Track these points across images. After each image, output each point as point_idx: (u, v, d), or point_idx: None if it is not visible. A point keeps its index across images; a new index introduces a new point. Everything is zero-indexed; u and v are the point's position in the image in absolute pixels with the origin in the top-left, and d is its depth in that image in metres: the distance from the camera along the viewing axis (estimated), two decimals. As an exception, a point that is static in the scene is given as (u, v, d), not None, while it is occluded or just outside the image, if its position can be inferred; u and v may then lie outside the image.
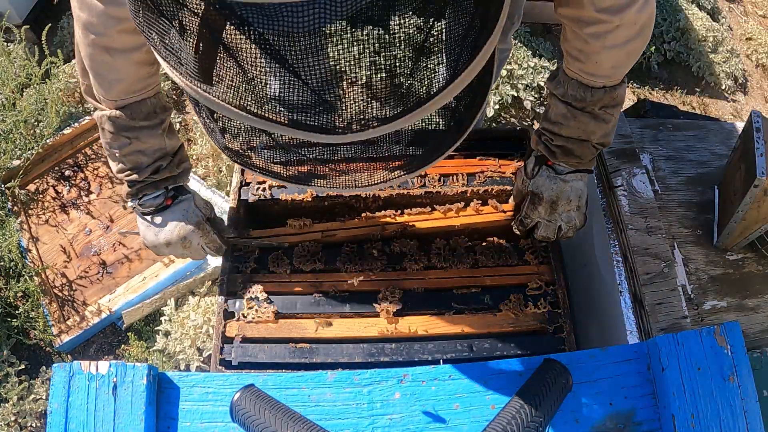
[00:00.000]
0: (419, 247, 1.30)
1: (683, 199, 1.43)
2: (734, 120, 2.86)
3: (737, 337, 0.88)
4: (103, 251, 2.07)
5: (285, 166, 0.87)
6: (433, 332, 1.19)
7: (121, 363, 0.90)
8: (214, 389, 0.94)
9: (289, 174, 0.86)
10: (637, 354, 0.95)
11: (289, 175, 0.86)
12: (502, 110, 2.58)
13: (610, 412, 0.92)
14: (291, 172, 0.86)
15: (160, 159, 1.08)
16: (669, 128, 1.55)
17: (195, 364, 1.90)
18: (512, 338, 1.18)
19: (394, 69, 0.63)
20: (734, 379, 0.86)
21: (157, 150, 1.06)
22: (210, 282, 2.06)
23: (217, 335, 1.20)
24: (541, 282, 1.24)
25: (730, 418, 0.85)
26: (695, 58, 2.94)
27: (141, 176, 1.06)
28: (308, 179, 0.86)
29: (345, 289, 1.25)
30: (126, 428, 0.87)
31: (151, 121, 1.02)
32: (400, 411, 0.93)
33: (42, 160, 2.21)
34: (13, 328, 1.93)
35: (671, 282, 1.25)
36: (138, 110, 1.00)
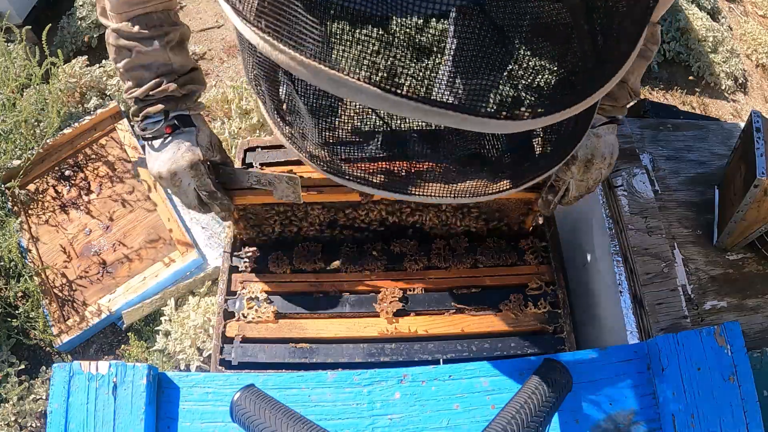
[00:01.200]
0: (419, 247, 1.30)
1: (683, 199, 1.43)
2: (734, 120, 2.86)
3: (737, 337, 0.88)
4: (103, 251, 2.07)
5: (382, 175, 0.87)
6: (433, 332, 1.19)
7: (121, 363, 0.90)
8: (214, 389, 0.94)
9: (383, 181, 0.84)
10: (637, 354, 0.95)
11: (383, 182, 0.85)
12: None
13: (610, 412, 0.92)
14: (388, 179, 0.85)
15: (164, 75, 0.99)
16: (669, 128, 1.55)
17: (195, 363, 1.90)
18: (512, 338, 1.18)
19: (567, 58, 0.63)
20: (734, 379, 0.86)
21: (162, 65, 0.98)
22: (210, 282, 2.06)
23: (217, 335, 1.20)
24: (541, 282, 1.24)
25: (730, 418, 0.85)
26: (695, 58, 2.94)
27: (140, 93, 0.98)
28: (404, 186, 0.86)
29: (345, 289, 1.25)
30: (126, 428, 0.87)
31: (153, 32, 0.95)
32: (400, 411, 0.92)
33: (42, 160, 2.21)
34: (13, 328, 1.93)
35: (671, 282, 1.25)
36: (143, 22, 0.94)
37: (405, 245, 1.30)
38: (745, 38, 3.30)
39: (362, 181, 0.90)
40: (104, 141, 2.28)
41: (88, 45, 2.74)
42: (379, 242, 1.31)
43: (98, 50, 2.74)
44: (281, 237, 1.33)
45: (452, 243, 1.31)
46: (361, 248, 1.30)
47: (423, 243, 1.31)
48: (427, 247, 1.30)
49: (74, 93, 2.50)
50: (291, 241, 1.33)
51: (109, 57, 1.01)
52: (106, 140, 2.28)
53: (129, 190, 2.18)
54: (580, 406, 0.92)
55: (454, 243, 1.31)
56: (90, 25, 2.72)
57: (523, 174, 0.92)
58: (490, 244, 1.31)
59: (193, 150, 1.02)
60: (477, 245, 1.31)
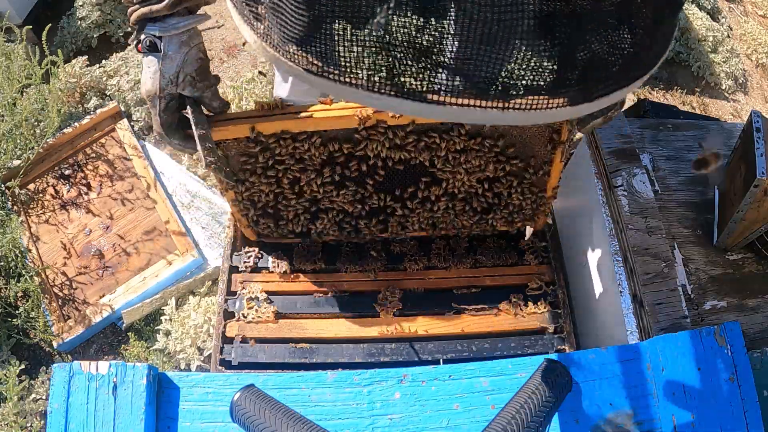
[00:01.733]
0: (419, 247, 1.30)
1: (683, 199, 1.43)
2: (734, 120, 2.86)
3: (737, 337, 0.88)
4: (103, 251, 2.07)
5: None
6: (433, 332, 1.19)
7: (121, 363, 0.90)
8: (214, 389, 0.94)
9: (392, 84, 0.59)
10: (637, 354, 0.95)
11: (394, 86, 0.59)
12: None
13: (610, 412, 0.92)
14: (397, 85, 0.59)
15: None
16: (669, 128, 1.55)
17: (195, 363, 1.90)
18: (512, 338, 1.18)
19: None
20: (734, 379, 0.86)
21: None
22: (210, 282, 2.06)
23: (217, 335, 1.20)
24: (541, 282, 1.24)
25: (730, 418, 0.85)
26: (695, 58, 2.94)
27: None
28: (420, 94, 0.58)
29: (345, 289, 1.25)
30: (126, 428, 0.87)
31: None
32: (400, 411, 0.93)
33: (42, 160, 2.21)
34: (13, 328, 1.93)
35: (671, 282, 1.25)
36: None
37: (405, 245, 1.30)
38: (745, 38, 3.30)
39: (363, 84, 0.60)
40: (104, 141, 2.28)
41: (88, 45, 2.74)
42: (379, 242, 1.31)
43: (98, 50, 2.74)
44: (279, 194, 1.16)
45: (452, 243, 1.31)
46: (361, 248, 1.30)
47: (423, 243, 1.31)
48: (427, 247, 1.30)
49: (74, 93, 2.50)
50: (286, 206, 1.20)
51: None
52: (106, 140, 2.28)
53: (129, 189, 2.19)
54: (580, 406, 0.92)
55: (454, 243, 1.31)
56: (90, 25, 2.72)
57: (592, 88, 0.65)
58: (490, 244, 1.31)
59: (153, 78, 0.95)
60: (477, 245, 1.31)
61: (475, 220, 1.25)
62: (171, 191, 2.19)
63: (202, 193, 2.19)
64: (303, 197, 1.17)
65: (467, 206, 1.21)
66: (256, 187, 1.15)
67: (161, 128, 1.01)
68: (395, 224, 1.24)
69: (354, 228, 1.24)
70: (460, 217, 1.23)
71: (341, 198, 1.17)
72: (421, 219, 1.23)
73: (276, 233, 1.26)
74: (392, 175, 1.14)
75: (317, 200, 1.18)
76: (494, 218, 1.24)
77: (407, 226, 1.24)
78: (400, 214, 1.20)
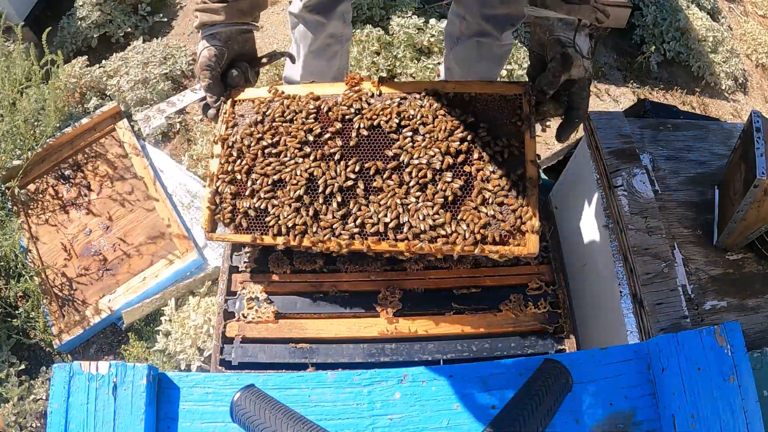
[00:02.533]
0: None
1: (683, 199, 1.43)
2: (734, 120, 2.86)
3: (737, 337, 0.88)
4: (104, 251, 2.07)
5: None
6: (433, 332, 1.19)
7: (121, 363, 0.90)
8: (214, 389, 0.94)
9: None
10: (637, 354, 0.95)
11: None
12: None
13: (610, 412, 0.92)
14: None
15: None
16: (669, 128, 1.55)
17: (196, 363, 1.90)
18: (512, 338, 1.18)
19: None
20: (734, 379, 0.86)
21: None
22: (210, 282, 2.06)
23: (217, 335, 1.20)
24: (541, 282, 1.24)
25: (730, 418, 0.85)
26: (695, 58, 2.94)
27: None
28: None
29: (345, 289, 1.25)
30: (126, 428, 0.87)
31: None
32: (400, 411, 0.93)
33: (42, 160, 2.22)
34: (13, 328, 1.93)
35: (671, 282, 1.25)
36: None
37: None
38: (745, 38, 3.30)
39: None
40: (104, 141, 2.29)
41: (88, 45, 2.74)
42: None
43: (98, 50, 2.75)
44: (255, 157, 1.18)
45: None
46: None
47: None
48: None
49: (74, 93, 2.50)
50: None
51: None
52: (106, 140, 2.29)
53: (129, 189, 2.19)
54: (580, 406, 0.92)
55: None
56: (90, 25, 2.72)
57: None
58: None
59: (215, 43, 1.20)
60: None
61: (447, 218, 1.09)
62: (171, 191, 2.19)
63: (202, 193, 2.20)
64: (272, 165, 1.17)
65: (436, 190, 1.10)
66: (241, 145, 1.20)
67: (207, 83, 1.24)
68: (358, 213, 1.11)
69: (314, 215, 1.13)
70: (427, 209, 1.09)
71: (306, 166, 1.14)
72: (389, 207, 1.10)
73: (230, 216, 1.18)
74: (360, 145, 1.15)
75: (281, 177, 1.16)
76: (469, 214, 1.08)
77: (371, 221, 1.11)
78: (362, 195, 1.11)
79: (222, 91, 1.24)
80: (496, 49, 1.83)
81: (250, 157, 1.17)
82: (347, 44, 1.99)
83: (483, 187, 1.08)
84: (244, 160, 1.17)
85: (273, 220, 1.13)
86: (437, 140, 1.11)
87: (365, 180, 1.12)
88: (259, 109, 1.21)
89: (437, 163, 1.10)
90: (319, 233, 1.12)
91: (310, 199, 1.13)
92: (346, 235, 1.10)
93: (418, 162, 1.10)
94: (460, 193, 1.08)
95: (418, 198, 1.09)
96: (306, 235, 1.12)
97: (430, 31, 2.66)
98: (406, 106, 1.15)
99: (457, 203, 1.08)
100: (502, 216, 1.06)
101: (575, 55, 1.07)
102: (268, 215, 1.14)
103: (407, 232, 1.08)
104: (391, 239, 1.09)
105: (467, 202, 1.08)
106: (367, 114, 1.15)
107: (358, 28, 2.64)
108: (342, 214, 1.11)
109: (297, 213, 1.13)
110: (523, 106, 1.11)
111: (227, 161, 1.19)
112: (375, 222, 1.10)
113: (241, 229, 1.16)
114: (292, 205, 1.13)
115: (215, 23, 1.18)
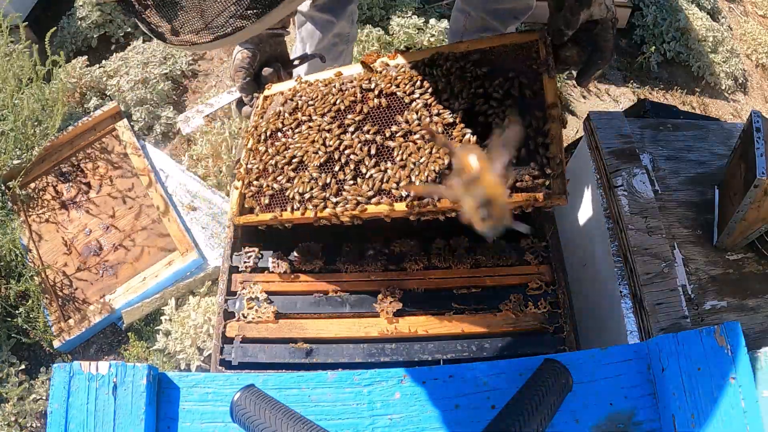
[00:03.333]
0: (419, 247, 1.30)
1: (683, 199, 1.43)
2: (734, 120, 2.86)
3: (737, 337, 0.88)
4: (103, 251, 2.07)
5: None
6: (433, 332, 1.19)
7: (121, 363, 0.90)
8: (215, 389, 0.94)
9: None
10: (637, 354, 0.95)
11: None
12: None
13: (610, 412, 0.92)
14: None
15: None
16: (669, 128, 1.55)
17: (195, 363, 1.90)
18: (512, 338, 1.18)
19: None
20: (734, 379, 0.86)
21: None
22: (210, 282, 2.06)
23: (217, 335, 1.20)
24: (541, 282, 1.24)
25: (730, 418, 0.85)
26: (695, 58, 2.94)
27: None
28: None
29: (345, 289, 1.25)
30: (126, 428, 0.87)
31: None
32: (400, 411, 0.93)
33: (42, 159, 2.22)
34: (13, 328, 1.93)
35: (671, 282, 1.25)
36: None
37: (405, 245, 1.30)
38: (745, 38, 3.30)
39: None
40: (104, 140, 2.29)
41: (88, 45, 2.74)
42: (379, 242, 1.31)
43: (98, 50, 2.75)
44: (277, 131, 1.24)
45: (452, 243, 1.31)
46: (361, 248, 1.30)
47: (423, 243, 1.31)
48: (427, 247, 1.30)
49: (74, 93, 2.50)
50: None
51: None
52: (106, 140, 2.29)
53: (129, 189, 2.19)
54: (580, 406, 0.92)
55: (454, 243, 1.31)
56: (90, 25, 2.72)
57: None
58: (490, 244, 1.31)
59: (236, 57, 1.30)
60: (477, 245, 1.31)
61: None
62: (171, 191, 2.19)
63: (202, 193, 2.20)
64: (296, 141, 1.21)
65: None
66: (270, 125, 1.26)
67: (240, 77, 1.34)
68: (373, 176, 1.12)
69: (331, 184, 1.14)
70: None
71: (323, 138, 1.18)
72: (402, 167, 1.09)
73: (258, 196, 1.21)
74: (375, 113, 1.17)
75: (302, 152, 1.20)
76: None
77: (388, 185, 1.10)
78: (376, 161, 1.12)
79: (256, 91, 1.32)
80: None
81: (274, 138, 1.24)
82: (352, 44, 1.99)
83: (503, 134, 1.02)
84: (269, 141, 1.25)
85: (291, 193, 1.16)
86: (451, 97, 1.11)
87: (380, 147, 1.14)
88: (287, 97, 1.29)
89: (448, 117, 1.09)
90: (339, 203, 1.13)
91: (328, 170, 1.16)
92: (362, 199, 1.10)
93: (430, 120, 1.10)
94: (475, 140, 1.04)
95: (430, 152, 1.07)
96: (325, 207, 1.14)
97: (430, 31, 2.66)
98: (420, 71, 1.16)
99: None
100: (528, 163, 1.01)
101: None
102: (288, 190, 1.18)
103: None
104: (407, 201, 1.08)
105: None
106: (381, 82, 1.19)
107: (358, 28, 2.64)
108: (355, 178, 1.13)
109: (315, 184, 1.15)
110: (540, 50, 1.08)
111: (254, 146, 1.26)
112: (390, 183, 1.10)
113: (263, 208, 1.20)
114: (311, 176, 1.16)
115: None
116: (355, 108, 1.19)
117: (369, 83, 1.21)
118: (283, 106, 1.28)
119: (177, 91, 2.61)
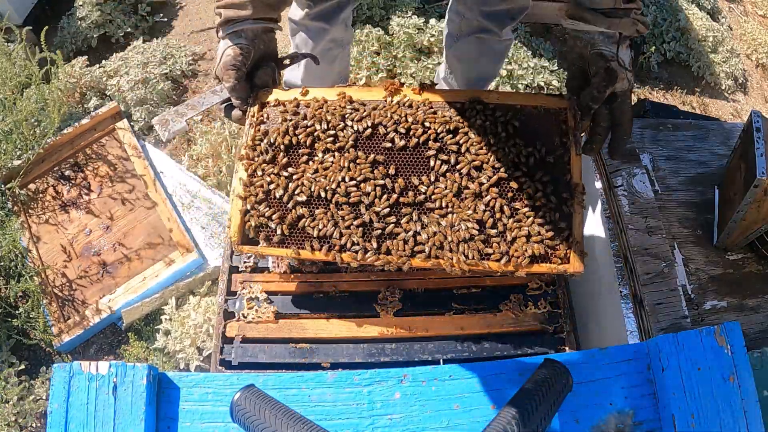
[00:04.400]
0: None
1: (683, 199, 1.43)
2: (734, 120, 2.86)
3: (737, 337, 0.88)
4: (103, 251, 2.07)
5: None
6: (433, 332, 1.19)
7: (121, 363, 0.90)
8: (214, 389, 0.94)
9: None
10: (637, 354, 0.95)
11: None
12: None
13: (610, 412, 0.92)
14: None
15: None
16: (669, 128, 1.55)
17: (195, 363, 1.90)
18: (512, 338, 1.18)
19: None
20: (734, 379, 0.86)
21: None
22: (210, 282, 2.06)
23: (217, 335, 1.20)
24: (541, 282, 1.24)
25: (730, 418, 0.85)
26: (695, 58, 2.94)
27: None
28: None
29: (345, 289, 1.25)
30: (126, 428, 0.87)
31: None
32: (400, 411, 0.93)
33: (42, 160, 2.21)
34: (13, 328, 1.93)
35: (671, 282, 1.25)
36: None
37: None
38: (745, 38, 3.30)
39: None
40: (104, 141, 2.28)
41: (88, 45, 2.74)
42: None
43: (98, 50, 2.75)
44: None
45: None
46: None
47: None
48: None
49: (74, 93, 2.50)
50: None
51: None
52: (106, 140, 2.29)
53: (129, 189, 2.19)
54: (580, 406, 0.92)
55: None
56: (90, 25, 2.72)
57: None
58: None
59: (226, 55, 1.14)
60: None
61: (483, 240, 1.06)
62: (171, 191, 2.19)
63: (202, 193, 2.20)
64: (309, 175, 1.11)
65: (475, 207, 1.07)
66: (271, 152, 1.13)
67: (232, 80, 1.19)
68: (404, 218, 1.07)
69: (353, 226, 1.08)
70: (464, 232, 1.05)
71: (340, 176, 1.09)
72: (428, 223, 1.07)
73: (263, 225, 1.11)
74: (399, 155, 1.10)
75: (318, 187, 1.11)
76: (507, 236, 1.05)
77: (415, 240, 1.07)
78: (406, 211, 1.07)
79: (248, 93, 1.16)
80: (496, 45, 1.83)
81: (282, 164, 1.11)
82: (348, 47, 1.98)
83: (528, 203, 1.05)
84: (275, 166, 1.11)
85: (311, 230, 1.07)
86: (479, 154, 1.08)
87: (406, 195, 1.07)
88: (289, 113, 1.14)
89: (484, 179, 1.06)
90: (359, 252, 1.06)
91: (353, 212, 1.07)
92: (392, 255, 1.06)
93: (461, 179, 1.07)
94: (506, 210, 1.05)
95: (458, 215, 1.06)
96: (346, 251, 1.06)
97: (430, 31, 2.66)
98: (449, 114, 1.10)
99: (499, 220, 1.05)
100: (546, 233, 1.03)
101: (619, 69, 1.04)
102: (301, 226, 1.08)
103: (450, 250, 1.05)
104: (433, 256, 1.05)
105: (510, 221, 1.04)
106: (406, 125, 1.10)
107: (358, 28, 2.64)
108: (382, 230, 1.07)
109: (356, 229, 1.06)
110: (568, 120, 1.08)
111: (258, 167, 1.12)
112: (418, 240, 1.06)
113: (273, 243, 1.08)
114: (342, 218, 1.07)
115: (242, 19, 1.11)
116: (378, 146, 1.10)
117: (390, 120, 1.11)
118: (288, 123, 1.13)
119: (177, 91, 2.61)
